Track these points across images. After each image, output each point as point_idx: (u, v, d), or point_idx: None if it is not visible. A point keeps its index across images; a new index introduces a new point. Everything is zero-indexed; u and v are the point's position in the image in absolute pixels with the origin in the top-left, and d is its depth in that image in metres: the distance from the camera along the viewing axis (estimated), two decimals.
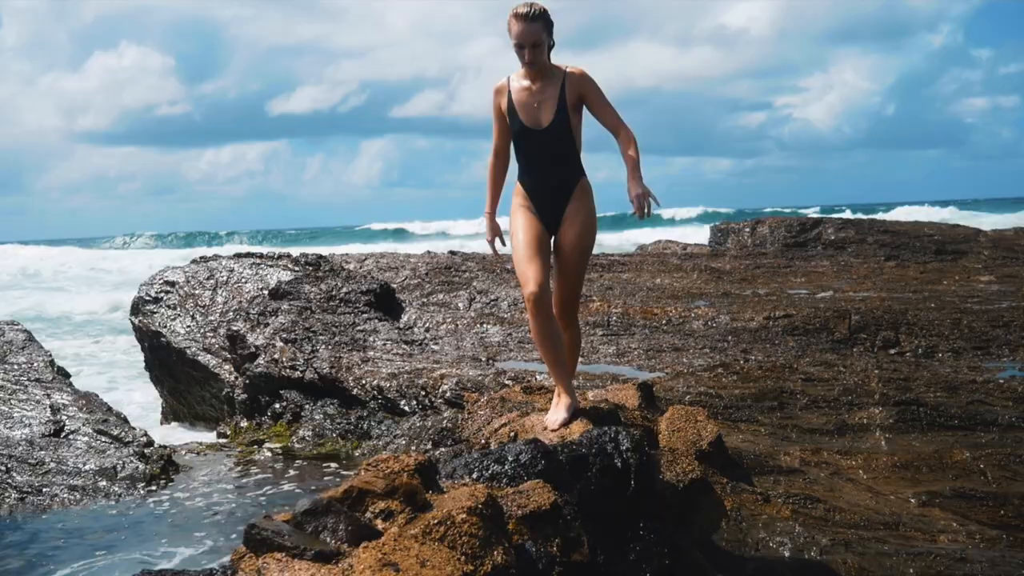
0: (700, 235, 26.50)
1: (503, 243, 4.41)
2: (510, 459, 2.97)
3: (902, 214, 36.39)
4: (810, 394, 5.37)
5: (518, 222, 4.25)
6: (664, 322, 8.06)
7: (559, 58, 4.36)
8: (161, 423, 9.73)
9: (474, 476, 2.92)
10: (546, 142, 4.14)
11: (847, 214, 41.12)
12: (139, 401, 10.46)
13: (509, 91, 4.22)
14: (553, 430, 3.75)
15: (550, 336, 4.02)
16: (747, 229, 15.28)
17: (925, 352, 6.90)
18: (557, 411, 3.89)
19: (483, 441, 4.02)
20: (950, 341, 6.97)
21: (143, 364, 9.81)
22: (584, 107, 4.23)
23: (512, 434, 3.87)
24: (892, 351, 7.01)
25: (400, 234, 60.21)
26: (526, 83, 4.17)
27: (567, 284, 4.19)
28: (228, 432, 7.71)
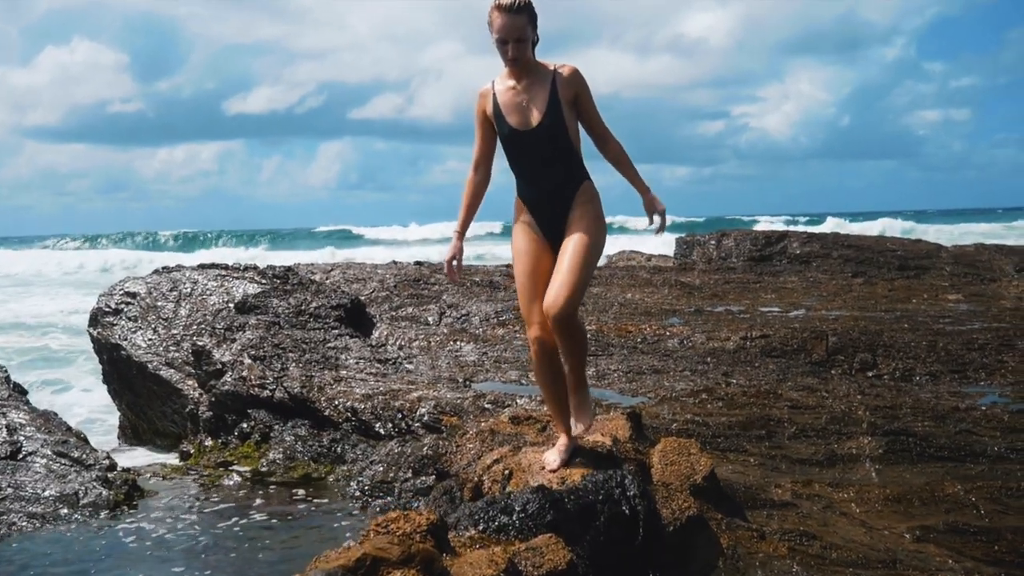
0: (661, 244, 26.56)
1: (458, 267, 4.02)
2: (517, 509, 2.83)
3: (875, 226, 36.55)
4: (797, 422, 5.30)
5: (517, 245, 3.94)
6: (639, 340, 7.97)
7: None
8: (118, 436, 9.43)
9: (480, 528, 2.78)
10: (538, 143, 3.81)
11: (828, 223, 41.04)
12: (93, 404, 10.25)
13: (494, 94, 3.89)
14: (552, 471, 3.62)
15: (552, 377, 3.81)
16: (712, 242, 15.28)
17: (903, 375, 6.88)
18: (556, 451, 3.75)
19: (475, 479, 3.87)
20: (927, 364, 6.96)
21: (101, 376, 9.49)
22: (576, 111, 3.88)
23: (507, 472, 3.73)
24: (870, 373, 6.99)
25: (350, 239, 59.42)
26: (511, 83, 3.85)
27: (564, 276, 3.68)
28: (192, 451, 7.46)
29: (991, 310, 8.83)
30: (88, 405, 10.56)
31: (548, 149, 3.83)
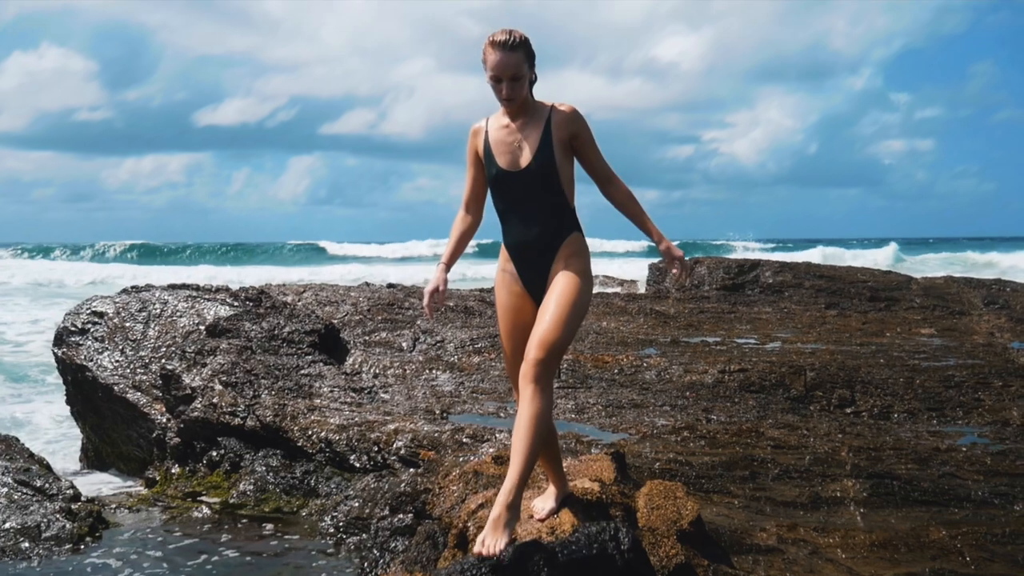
0: (631, 267, 26.64)
1: (439, 299, 3.71)
2: (510, 568, 2.73)
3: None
4: (781, 463, 5.25)
5: (499, 300, 3.72)
6: (616, 371, 7.90)
7: None
8: (80, 459, 9.19)
9: None
10: (527, 186, 3.56)
11: (817, 251, 40.87)
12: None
13: (486, 132, 3.69)
14: (540, 519, 3.52)
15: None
16: None
17: (881, 412, 6.86)
18: (545, 499, 3.64)
19: (460, 525, 3.76)
20: (905, 401, 6.95)
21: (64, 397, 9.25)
22: (574, 152, 3.63)
23: None
24: (848, 410, 6.97)
25: (318, 254, 58.76)
26: (505, 121, 3.64)
27: (546, 326, 3.37)
28: (157, 477, 7.27)
29: (964, 345, 8.87)
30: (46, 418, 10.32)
31: (536, 193, 3.59)
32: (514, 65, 3.52)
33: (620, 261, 33.02)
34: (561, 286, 3.52)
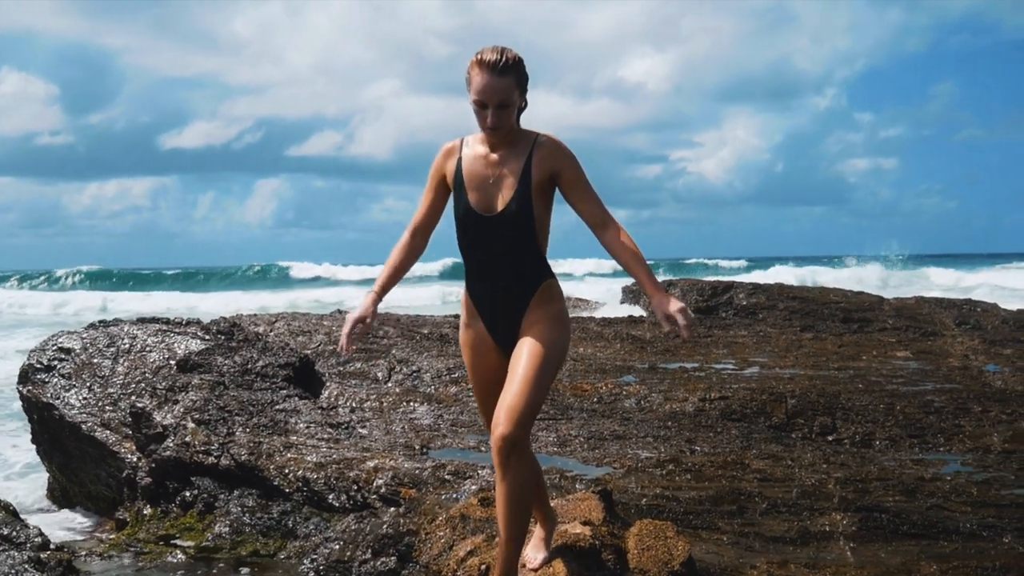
0: (593, 289, 26.59)
1: (363, 331, 3.36)
2: None
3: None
4: (768, 496, 5.19)
5: (467, 358, 3.46)
6: (596, 400, 7.83)
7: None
8: (47, 496, 8.95)
9: None
10: (498, 232, 3.20)
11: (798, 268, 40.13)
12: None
13: (460, 158, 3.29)
14: (533, 569, 3.42)
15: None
16: None
17: (863, 440, 6.85)
18: (536, 547, 3.55)
19: (449, 574, 3.66)
20: (886, 428, 6.94)
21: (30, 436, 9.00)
22: (557, 189, 3.27)
23: (484, 567, 3.53)
24: (830, 438, 6.94)
25: (286, 278, 57.97)
26: (482, 151, 3.26)
27: (517, 392, 3.09)
28: (128, 519, 7.07)
29: (941, 369, 8.90)
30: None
31: (508, 240, 3.23)
32: (503, 90, 3.12)
33: (583, 284, 32.88)
34: (531, 344, 3.21)
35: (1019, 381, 8.26)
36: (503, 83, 3.12)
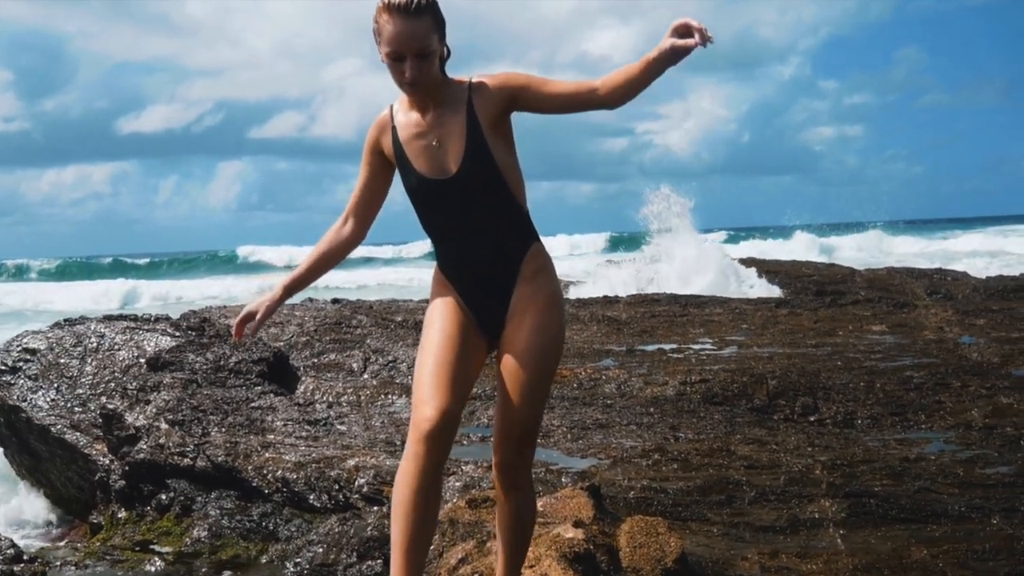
0: (570, 266, 26.55)
1: (255, 326, 2.90)
2: None
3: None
4: (756, 485, 5.14)
5: (434, 314, 2.86)
6: (576, 386, 7.76)
7: None
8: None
9: None
10: (460, 196, 2.75)
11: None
12: None
13: (394, 127, 2.84)
14: None
15: (426, 499, 2.59)
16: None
17: (844, 420, 6.83)
18: None
19: None
20: (867, 407, 6.93)
21: None
22: (525, 110, 2.81)
23: None
24: (812, 418, 6.92)
25: (252, 263, 56.78)
26: (414, 115, 2.80)
27: (520, 415, 2.73)
28: (103, 522, 6.92)
29: (917, 343, 8.92)
30: None
31: (476, 204, 2.76)
32: (420, 36, 2.64)
33: (559, 264, 32.68)
34: (527, 345, 2.76)
35: (995, 353, 8.30)
36: (419, 26, 2.64)
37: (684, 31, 2.64)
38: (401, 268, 40.98)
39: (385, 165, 2.91)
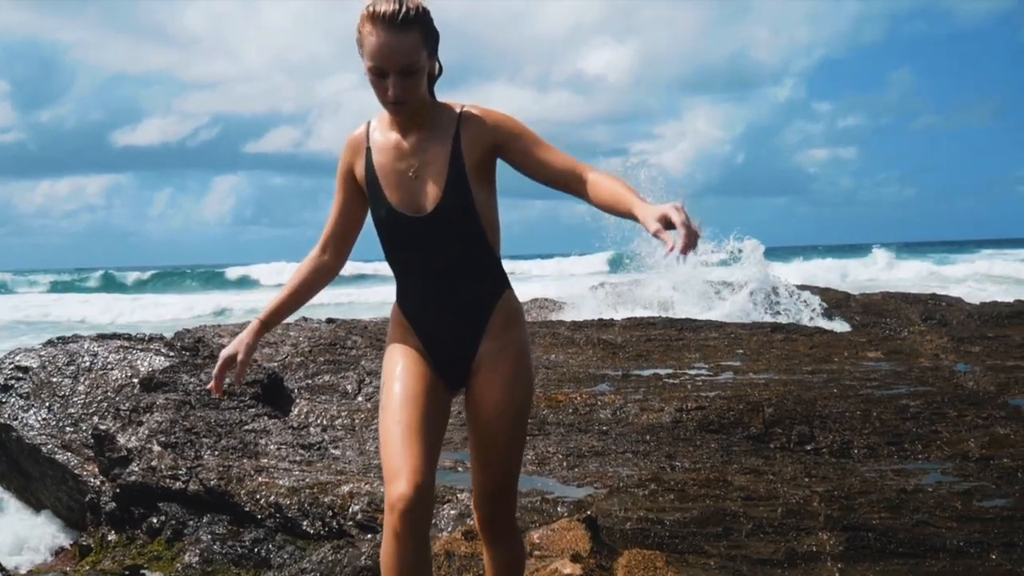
0: (559, 288, 26.51)
1: (239, 373, 2.78)
2: None
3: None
4: (753, 517, 5.11)
5: (393, 367, 2.68)
6: (571, 411, 7.73)
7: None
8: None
9: None
10: (435, 236, 2.57)
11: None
12: None
13: (368, 148, 2.61)
14: None
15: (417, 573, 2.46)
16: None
17: (841, 449, 6.81)
18: None
19: None
20: (864, 436, 6.91)
21: None
22: (507, 162, 2.61)
23: None
24: (808, 447, 6.90)
25: (247, 280, 56.37)
26: (394, 136, 2.57)
27: (497, 473, 2.68)
28: (92, 545, 6.86)
29: (913, 370, 8.91)
30: None
31: (450, 246, 2.58)
32: (406, 51, 2.38)
33: (551, 284, 32.64)
34: (499, 399, 2.64)
35: (990, 381, 8.28)
36: (405, 40, 2.38)
37: (675, 225, 2.28)
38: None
39: (358, 190, 2.71)
